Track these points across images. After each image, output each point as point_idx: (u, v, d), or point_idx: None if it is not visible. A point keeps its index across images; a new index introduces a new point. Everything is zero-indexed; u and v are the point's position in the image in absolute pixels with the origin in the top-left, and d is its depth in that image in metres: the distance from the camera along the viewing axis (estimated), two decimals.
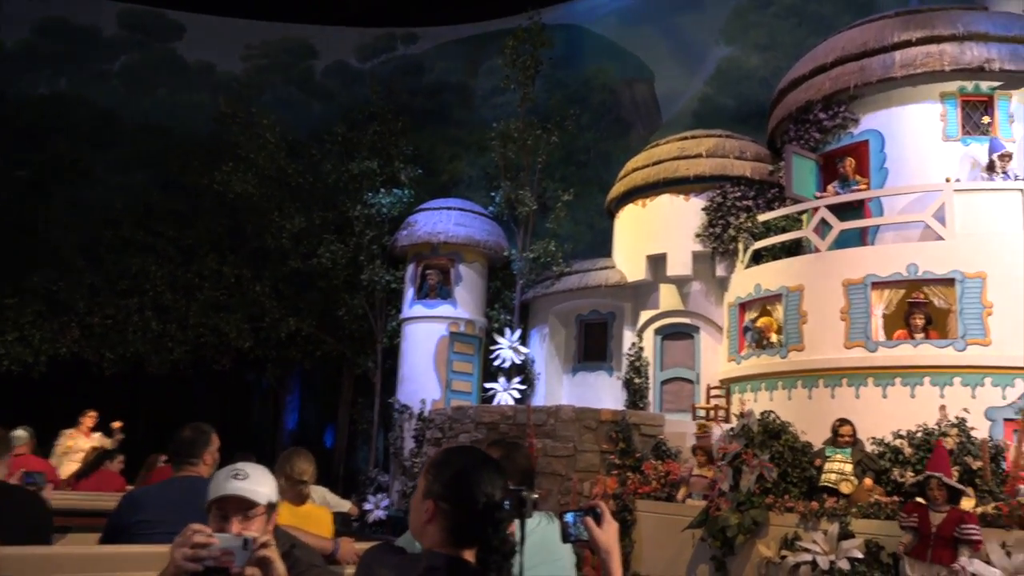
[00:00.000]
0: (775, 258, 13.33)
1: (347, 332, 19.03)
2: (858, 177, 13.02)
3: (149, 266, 19.29)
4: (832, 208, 12.38)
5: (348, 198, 18.41)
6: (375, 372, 18.21)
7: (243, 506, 2.80)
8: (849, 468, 9.44)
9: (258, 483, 2.85)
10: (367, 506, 15.57)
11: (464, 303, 17.22)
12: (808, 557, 8.57)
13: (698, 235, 14.60)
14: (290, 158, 19.37)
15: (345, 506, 8.76)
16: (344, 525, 7.82)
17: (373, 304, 18.23)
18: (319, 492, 7.64)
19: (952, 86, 12.35)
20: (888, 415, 10.46)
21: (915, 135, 12.48)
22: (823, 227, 12.42)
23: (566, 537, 2.51)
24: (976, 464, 8.79)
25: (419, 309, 17.19)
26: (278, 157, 18.92)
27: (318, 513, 5.03)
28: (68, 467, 9.92)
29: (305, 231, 18.61)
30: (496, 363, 15.15)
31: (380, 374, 18.14)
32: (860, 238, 12.49)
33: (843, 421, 9.87)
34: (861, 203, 12.63)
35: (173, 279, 19.33)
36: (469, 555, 2.30)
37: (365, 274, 17.75)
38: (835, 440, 9.81)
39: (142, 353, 19.10)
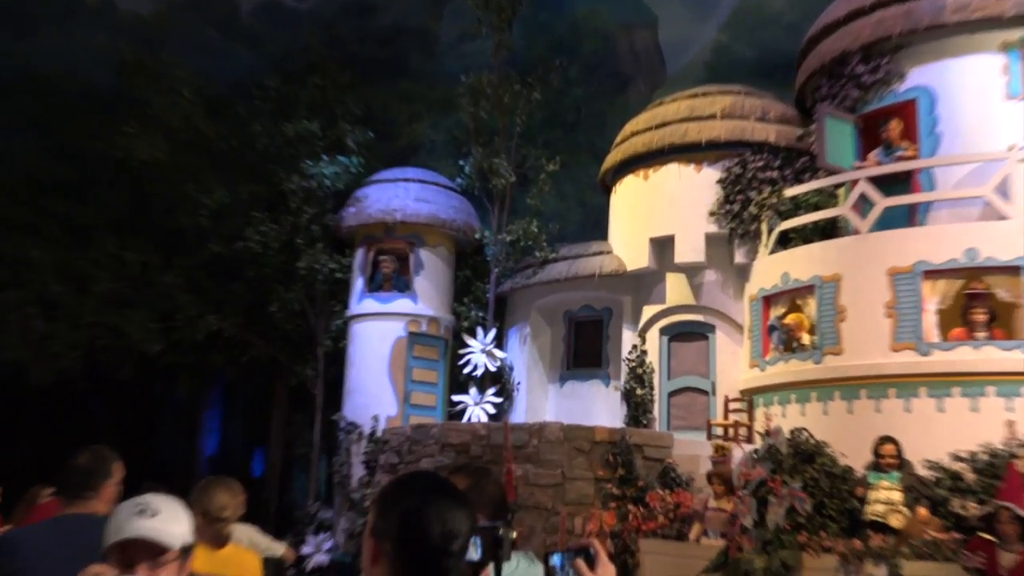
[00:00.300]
0: (806, 241, 13.39)
1: (281, 333, 18.91)
2: (905, 143, 13.09)
3: (32, 251, 19.02)
4: (874, 181, 12.45)
5: (282, 167, 18.26)
6: (316, 382, 18.11)
7: (151, 551, 2.76)
8: (899, 496, 9.52)
9: (170, 521, 2.81)
10: (306, 549, 15.49)
11: (426, 297, 17.18)
12: None
13: (712, 213, 14.65)
14: (210, 118, 19.20)
15: (279, 549, 8.70)
16: (277, 573, 7.76)
17: (313, 298, 18.12)
18: (245, 532, 7.57)
19: (1015, 35, 12.43)
20: (945, 432, 10.55)
21: (972, 93, 12.58)
22: (863, 204, 12.49)
23: None
24: None
25: (370, 304, 17.12)
26: (195, 117, 18.76)
27: (243, 558, 4.97)
28: None
29: (228, 208, 18.45)
30: (466, 371, 15.13)
31: (322, 385, 18.05)
32: (908, 217, 12.58)
33: (885, 439, 9.94)
34: (909, 175, 12.72)
35: (62, 267, 19.06)
36: None
37: (303, 261, 17.63)
38: (877, 463, 9.87)
39: (22, 359, 18.83)
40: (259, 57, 25.13)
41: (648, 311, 15.42)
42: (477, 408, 14.77)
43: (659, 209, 15.22)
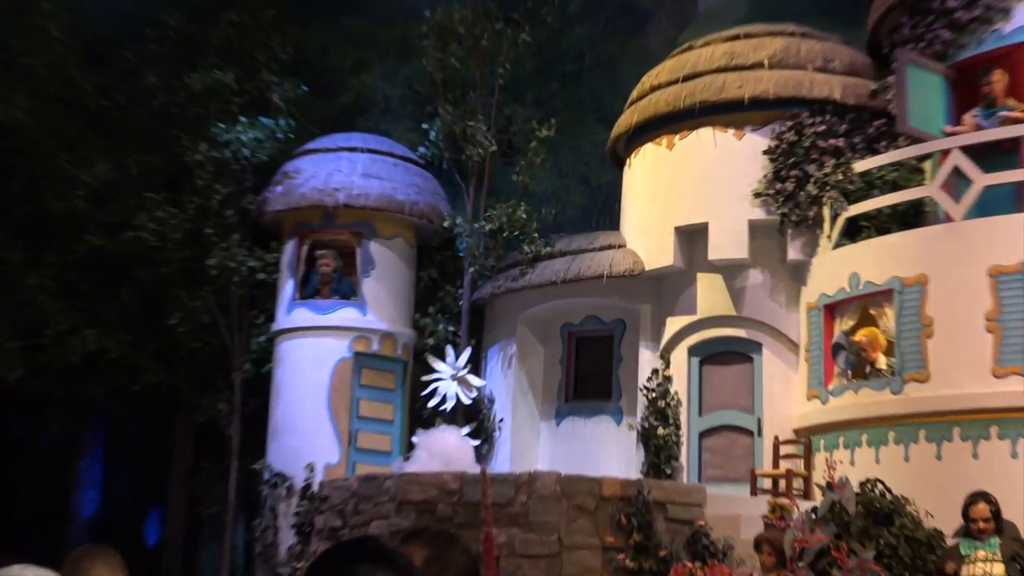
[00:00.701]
0: (881, 232, 13.41)
1: (184, 353, 18.81)
2: (1011, 101, 13.11)
3: None
4: (971, 151, 12.44)
5: (186, 132, 18.18)
6: (231, 419, 18.01)
7: None
8: (1000, 570, 9.51)
9: None
10: None
11: (378, 306, 17.13)
12: None
13: (758, 194, 14.65)
14: (88, 67, 19.07)
15: None
16: None
17: (227, 307, 18.04)
18: None
19: None
20: None
21: None
22: (958, 182, 12.51)
23: None
24: None
25: (304, 315, 17.06)
26: (67, 64, 18.62)
27: None
28: None
29: (113, 186, 18.34)
30: (432, 404, 15.04)
31: (239, 423, 17.95)
32: (1015, 200, 12.58)
33: (976, 497, 9.90)
34: (1017, 143, 12.72)
35: None
36: None
37: (214, 257, 17.54)
38: (968, 528, 9.86)
39: None
40: None
41: (673, 324, 15.40)
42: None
43: (688, 188, 15.22)
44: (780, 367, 14.54)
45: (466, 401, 14.98)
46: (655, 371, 15.29)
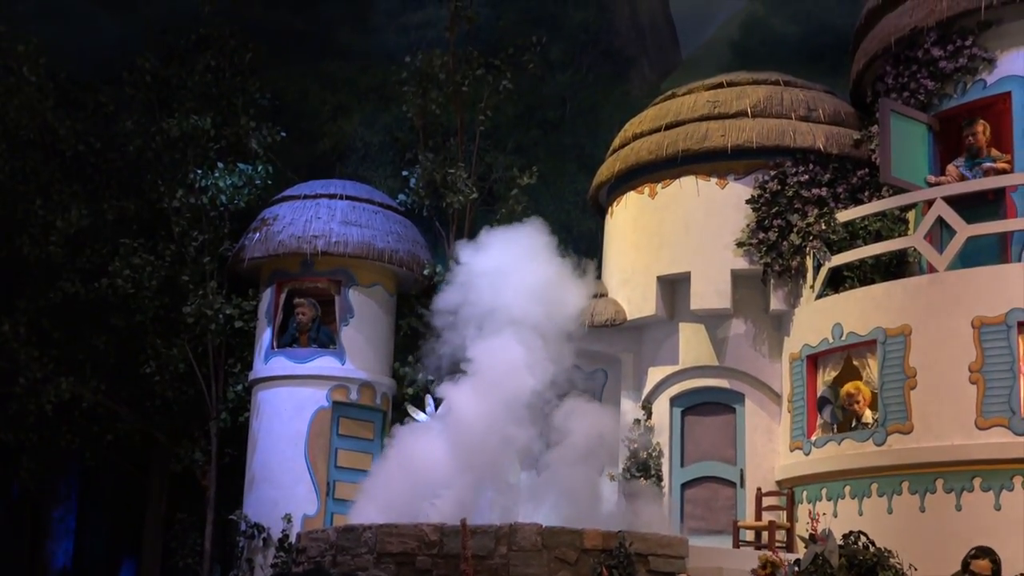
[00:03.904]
0: (865, 282, 13.50)
1: (160, 402, 18.76)
2: (995, 152, 13.25)
3: None
4: (954, 201, 12.56)
5: (163, 178, 18.19)
6: (207, 470, 17.95)
7: None
8: None
9: None
10: None
11: (357, 354, 17.13)
12: None
13: (741, 244, 14.74)
14: (63, 109, 19.10)
15: None
16: None
17: (204, 355, 18.00)
18: None
19: None
20: None
21: None
22: (941, 232, 12.62)
23: None
24: None
25: (282, 364, 17.06)
26: (41, 107, 18.64)
27: None
28: None
29: (89, 232, 18.34)
30: None
31: (215, 473, 17.89)
32: (999, 250, 12.72)
33: (980, 552, 9.90)
34: (1000, 194, 12.87)
35: None
36: None
37: (191, 304, 17.54)
38: None
39: None
40: (131, 27, 25.03)
41: (655, 374, 15.43)
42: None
43: (670, 238, 15.27)
44: (763, 418, 14.56)
45: None
46: (637, 421, 15.29)
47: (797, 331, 13.97)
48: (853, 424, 12.83)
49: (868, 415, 12.76)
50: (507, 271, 13.70)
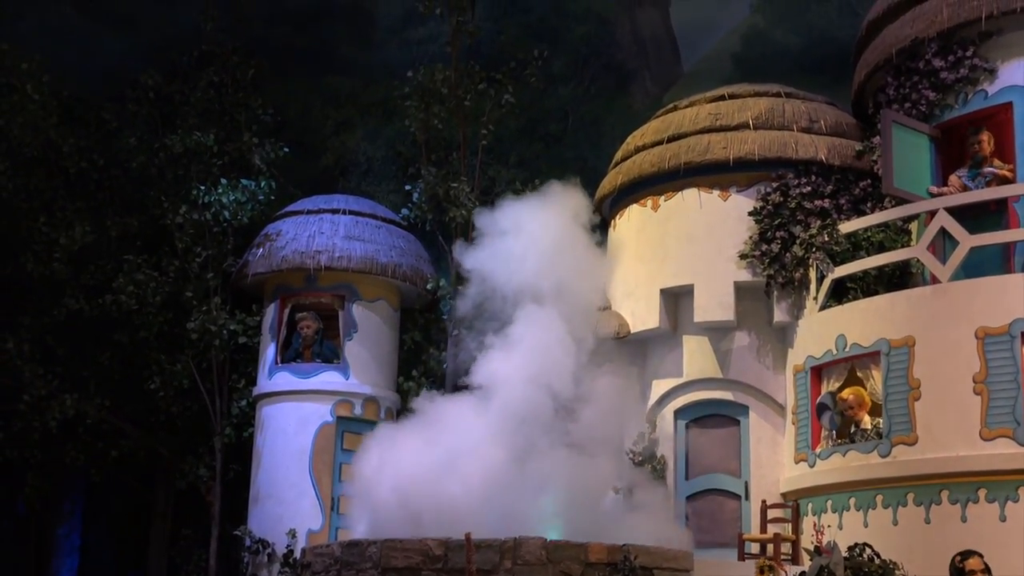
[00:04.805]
0: (868, 293, 13.53)
1: (164, 418, 18.77)
2: (998, 162, 13.28)
3: None
4: (958, 212, 12.59)
5: (166, 194, 18.22)
6: (211, 485, 17.95)
7: None
8: None
9: None
10: None
11: (361, 369, 17.15)
12: None
13: (744, 256, 14.79)
14: (66, 127, 19.14)
15: None
16: None
17: (208, 371, 18.02)
18: None
19: None
20: None
21: None
22: (944, 243, 12.64)
23: None
24: None
25: (286, 379, 17.08)
26: (46, 125, 18.68)
27: None
28: None
29: (92, 249, 18.37)
30: None
31: (220, 489, 17.89)
32: (1003, 261, 12.74)
33: (967, 553, 9.92)
34: (1003, 204, 12.90)
35: None
36: None
37: (195, 320, 17.56)
38: None
39: None
40: (133, 44, 25.05)
41: (659, 387, 15.45)
42: None
43: (673, 250, 15.32)
44: (767, 430, 14.58)
45: None
46: (641, 434, 15.28)
47: (801, 343, 14.00)
48: (852, 431, 12.82)
49: (867, 420, 12.76)
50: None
